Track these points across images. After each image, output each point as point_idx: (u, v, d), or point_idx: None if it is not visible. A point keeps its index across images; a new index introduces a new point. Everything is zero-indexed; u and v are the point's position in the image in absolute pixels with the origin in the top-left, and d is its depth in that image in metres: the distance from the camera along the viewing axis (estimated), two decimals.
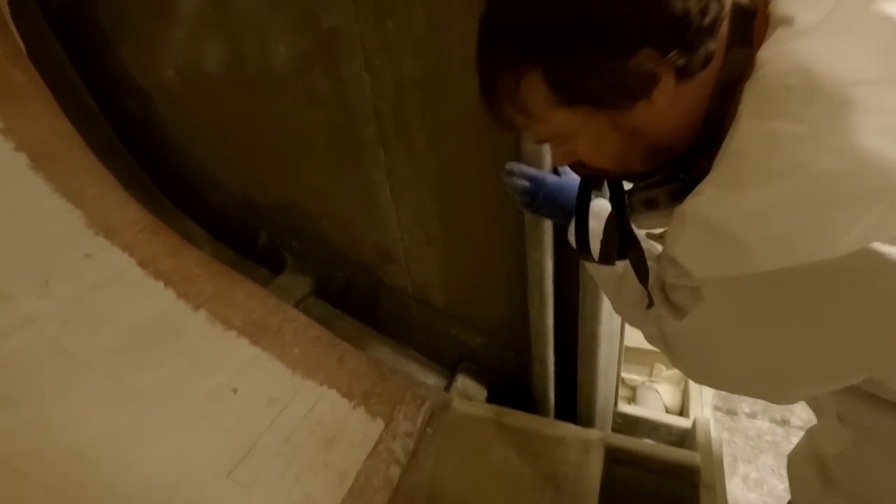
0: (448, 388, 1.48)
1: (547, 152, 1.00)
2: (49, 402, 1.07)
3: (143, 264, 1.38)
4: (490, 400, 1.46)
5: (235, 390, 1.23)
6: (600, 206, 0.77)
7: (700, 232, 0.42)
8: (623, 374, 1.64)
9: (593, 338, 1.22)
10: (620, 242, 0.62)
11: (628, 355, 1.51)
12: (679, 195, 0.47)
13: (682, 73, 0.45)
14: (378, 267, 1.50)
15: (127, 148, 1.67)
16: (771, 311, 0.42)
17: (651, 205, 0.52)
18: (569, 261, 1.17)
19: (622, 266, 0.70)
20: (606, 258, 0.65)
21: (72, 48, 1.51)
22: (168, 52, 1.36)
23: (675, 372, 1.72)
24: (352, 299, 1.64)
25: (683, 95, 0.46)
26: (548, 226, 1.10)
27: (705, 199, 0.41)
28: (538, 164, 1.00)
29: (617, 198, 0.60)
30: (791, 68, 0.38)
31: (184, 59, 1.35)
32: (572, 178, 0.82)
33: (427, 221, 1.32)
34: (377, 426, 1.24)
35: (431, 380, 1.55)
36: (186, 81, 1.40)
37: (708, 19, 0.42)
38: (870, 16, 0.37)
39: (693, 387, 1.63)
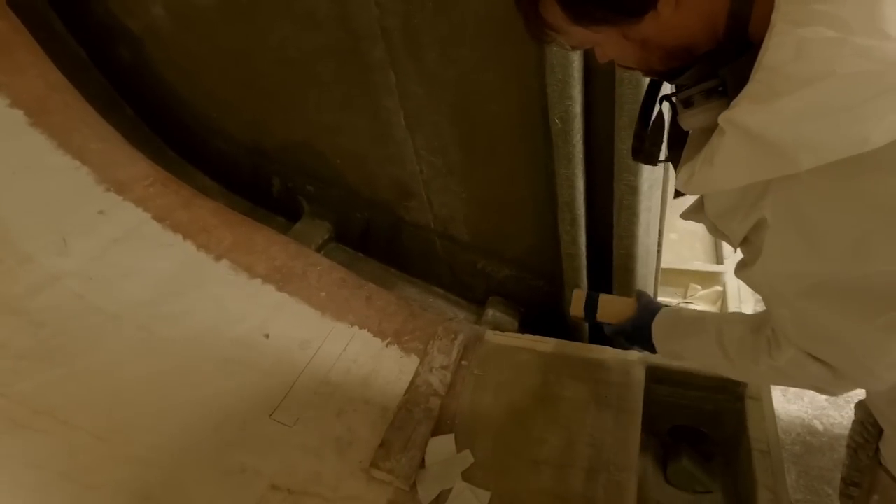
0: (479, 322, 1.46)
1: (573, 62, 0.91)
2: (85, 355, 1.07)
3: (158, 218, 1.35)
4: (522, 331, 1.44)
5: (267, 335, 1.22)
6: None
7: (740, 140, 0.44)
8: (658, 298, 1.59)
9: (630, 257, 1.16)
10: (663, 139, 0.64)
11: (663, 277, 1.46)
12: (712, 93, 0.50)
13: None
14: (397, 204, 1.45)
15: (125, 99, 1.60)
16: (831, 216, 0.46)
17: (688, 104, 0.53)
18: (601, 177, 1.10)
19: (714, 326, 0.75)
20: (649, 157, 0.67)
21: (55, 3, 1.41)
22: None
23: (712, 291, 1.67)
24: (373, 241, 1.60)
25: (692, 1, 0.47)
26: (578, 139, 1.02)
27: (743, 111, 0.43)
28: (564, 73, 0.91)
29: (653, 93, 0.63)
30: None
31: None
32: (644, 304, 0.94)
33: (446, 149, 1.24)
34: (412, 362, 1.23)
35: (461, 316, 1.53)
36: (176, 18, 1.31)
37: None
38: None
39: (731, 304, 1.58)
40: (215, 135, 1.54)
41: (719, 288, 1.68)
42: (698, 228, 2.01)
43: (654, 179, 1.06)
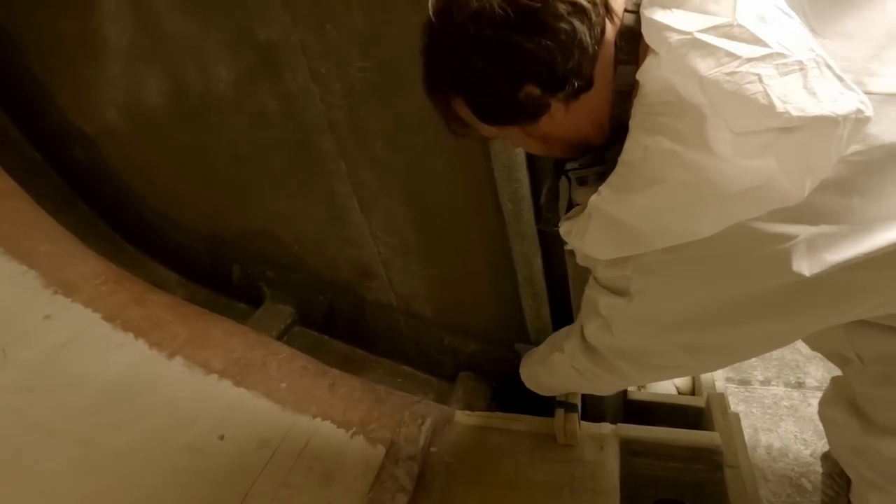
0: (449, 400, 1.41)
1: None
2: (18, 478, 0.99)
3: (109, 317, 1.30)
4: (496, 404, 1.40)
5: (222, 437, 1.15)
6: None
7: (603, 222, 0.54)
8: None
9: None
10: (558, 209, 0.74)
11: None
12: (604, 176, 0.56)
13: (568, 96, 0.54)
14: (359, 285, 1.43)
15: (81, 198, 1.59)
16: (685, 279, 0.56)
17: (582, 182, 0.61)
18: (557, 249, 1.11)
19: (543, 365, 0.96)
20: (546, 223, 0.80)
21: (7, 102, 1.43)
22: (106, 91, 1.30)
23: None
24: (337, 322, 1.57)
25: (580, 107, 0.55)
26: (529, 217, 1.03)
27: (604, 199, 0.53)
28: (508, 158, 0.94)
29: (557, 172, 0.71)
30: (665, 88, 0.47)
31: (123, 96, 1.29)
32: None
33: (401, 229, 1.25)
34: (378, 453, 1.16)
35: (431, 394, 1.48)
36: (130, 119, 1.33)
37: (575, 57, 0.51)
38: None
39: None
40: (173, 227, 1.53)
41: None
42: None
43: None
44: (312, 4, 0.97)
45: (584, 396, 1.26)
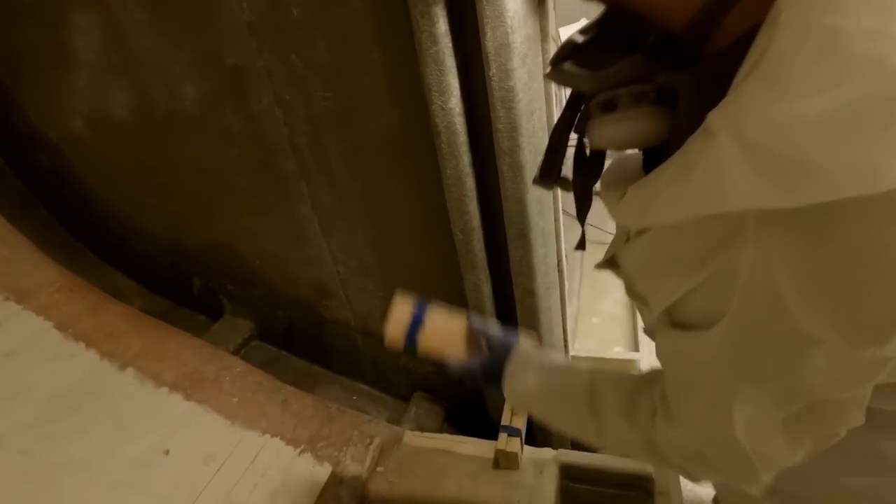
0: (402, 420, 1.43)
1: (466, 181, 0.99)
2: None
3: (61, 326, 1.29)
4: (449, 423, 1.42)
5: (167, 451, 1.15)
6: None
7: (736, 149, 0.30)
8: None
9: None
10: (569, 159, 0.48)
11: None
12: (642, 98, 0.37)
13: None
14: (318, 302, 1.45)
15: (42, 203, 1.58)
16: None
17: (609, 107, 0.39)
18: (505, 281, 1.15)
19: (587, 377, 0.59)
20: (546, 176, 0.50)
21: None
22: (73, 100, 1.30)
23: None
24: (295, 338, 1.58)
25: None
26: (479, 248, 1.08)
27: (745, 111, 0.30)
28: (459, 191, 0.99)
29: (575, 104, 0.46)
30: None
31: (90, 107, 1.30)
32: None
33: (360, 251, 1.28)
34: (324, 471, 1.18)
35: (385, 413, 1.50)
36: (95, 129, 1.34)
37: None
38: None
39: None
40: (135, 236, 1.53)
41: None
42: (621, 312, 2.04)
43: (550, 282, 1.13)
44: (278, 34, 1.01)
45: (529, 421, 1.30)
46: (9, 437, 1.07)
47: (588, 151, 0.47)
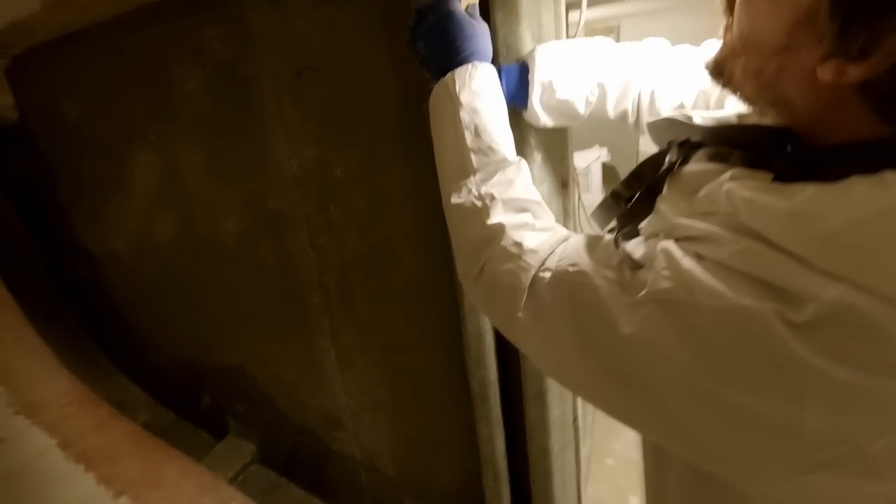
0: None
1: (485, 336, 1.01)
2: None
3: (64, 444, 1.27)
4: None
5: None
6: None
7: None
8: None
9: None
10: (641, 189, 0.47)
11: None
12: (754, 164, 0.38)
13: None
14: (325, 433, 1.42)
15: (71, 309, 1.63)
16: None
17: (720, 157, 0.41)
18: (520, 437, 1.13)
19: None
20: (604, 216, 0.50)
21: (29, 217, 1.53)
22: (121, 223, 1.40)
23: None
24: (298, 466, 1.52)
25: (862, 106, 0.34)
26: (495, 402, 1.07)
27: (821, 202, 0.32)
28: (479, 345, 1.01)
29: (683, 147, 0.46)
30: None
31: (135, 230, 1.39)
32: (481, 23, 0.64)
33: (374, 388, 1.28)
34: None
35: None
36: (136, 249, 1.42)
37: None
38: None
39: None
40: (153, 349, 1.55)
41: None
42: (636, 454, 1.97)
43: (565, 441, 1.10)
44: (321, 188, 1.10)
45: None
46: None
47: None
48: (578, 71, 0.72)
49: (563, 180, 0.96)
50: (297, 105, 1.04)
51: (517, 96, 0.72)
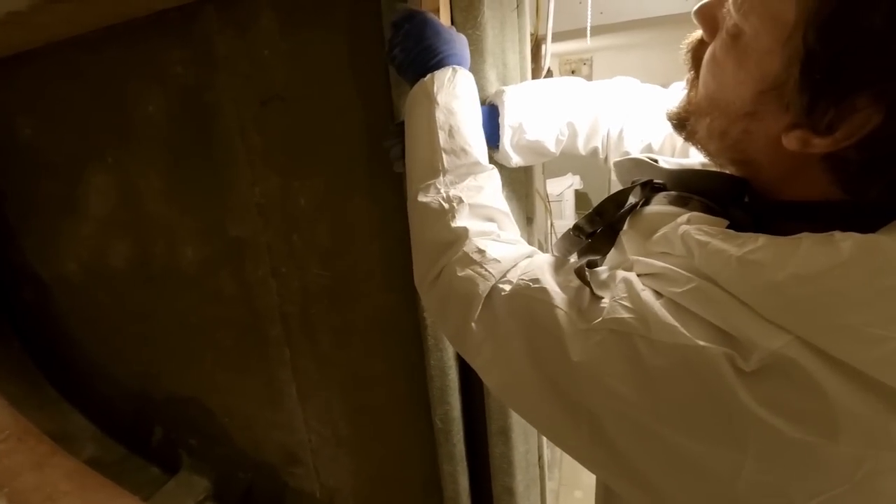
0: None
1: (449, 372, 0.99)
2: None
3: None
4: None
5: None
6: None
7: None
8: None
9: None
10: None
11: None
12: (711, 211, 0.39)
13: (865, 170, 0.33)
14: (283, 469, 1.36)
15: (17, 335, 1.54)
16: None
17: (680, 201, 0.41)
18: (483, 475, 1.10)
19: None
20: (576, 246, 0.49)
21: None
22: (73, 246, 1.34)
23: None
24: (254, 503, 1.45)
25: (835, 169, 0.35)
26: (458, 440, 1.05)
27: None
28: (442, 381, 0.98)
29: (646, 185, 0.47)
30: None
31: (88, 254, 1.33)
32: (460, 34, 0.65)
33: (335, 422, 1.24)
34: None
35: None
36: (88, 273, 1.35)
37: None
38: None
39: None
40: (101, 378, 1.48)
41: None
42: None
43: (530, 479, 1.08)
44: (285, 217, 1.07)
45: None
46: None
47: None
48: (548, 112, 0.73)
49: (527, 216, 0.96)
50: (261, 133, 1.02)
51: (488, 138, 0.72)
